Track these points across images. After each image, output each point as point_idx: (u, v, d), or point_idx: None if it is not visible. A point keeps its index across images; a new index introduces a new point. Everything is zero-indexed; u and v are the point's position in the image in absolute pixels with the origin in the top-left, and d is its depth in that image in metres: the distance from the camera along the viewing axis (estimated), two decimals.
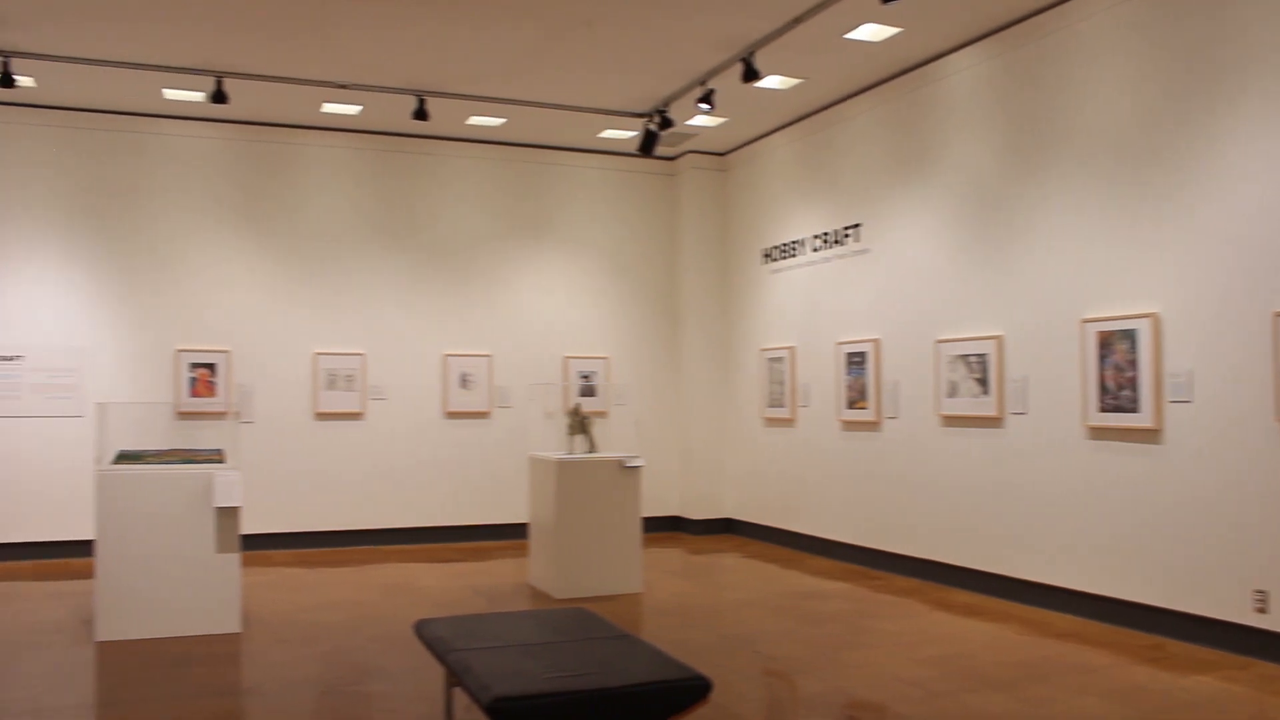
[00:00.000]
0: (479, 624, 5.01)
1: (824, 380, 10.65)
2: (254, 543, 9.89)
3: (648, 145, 10.50)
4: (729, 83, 9.37)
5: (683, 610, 8.24)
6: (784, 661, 6.64)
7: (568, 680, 3.94)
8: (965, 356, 8.73)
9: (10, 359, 10.30)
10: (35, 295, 10.46)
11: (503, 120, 11.07)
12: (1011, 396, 8.29)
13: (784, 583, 9.36)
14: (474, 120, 11.06)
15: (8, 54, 8.82)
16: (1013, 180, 8.33)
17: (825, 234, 10.67)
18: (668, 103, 10.29)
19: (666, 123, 10.23)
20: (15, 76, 8.93)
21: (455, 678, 4.31)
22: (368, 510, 11.35)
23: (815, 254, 10.84)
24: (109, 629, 7.10)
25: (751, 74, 8.71)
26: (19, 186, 10.47)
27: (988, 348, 8.49)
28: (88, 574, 7.69)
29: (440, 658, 4.57)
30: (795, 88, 9.96)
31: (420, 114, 9.91)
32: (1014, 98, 8.36)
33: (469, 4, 8.00)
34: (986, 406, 8.50)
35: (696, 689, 4.05)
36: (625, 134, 11.53)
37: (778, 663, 6.62)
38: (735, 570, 10.19)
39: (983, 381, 8.54)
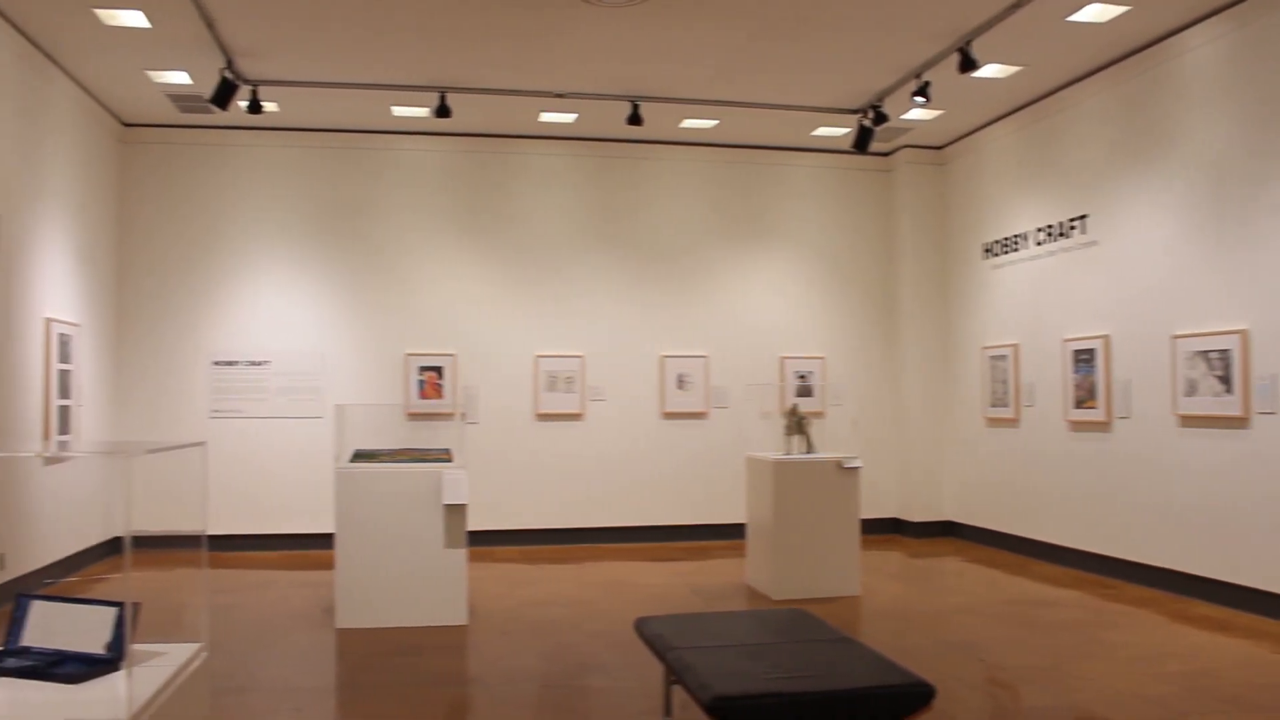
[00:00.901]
0: (698, 623, 5.03)
1: (1049, 379, 10.21)
2: (479, 539, 10.26)
3: (862, 141, 10.32)
4: (945, 74, 9.10)
5: (902, 614, 8.05)
6: (1010, 671, 6.39)
7: (788, 681, 3.91)
8: (1205, 353, 8.19)
9: (259, 364, 11.10)
10: (280, 304, 11.20)
11: (715, 122, 11.11)
12: (1258, 395, 7.72)
13: (1009, 589, 9.02)
14: (687, 123, 11.14)
15: (256, 83, 9.46)
16: (1258, 162, 7.77)
17: (1049, 226, 10.22)
18: (882, 97, 10.09)
19: (881, 118, 10.03)
20: (262, 103, 9.58)
21: (675, 675, 4.34)
22: (587, 509, 11.60)
23: (1039, 247, 10.41)
24: (347, 617, 7.50)
25: (969, 64, 8.44)
26: (265, 203, 11.25)
27: (1231, 343, 7.94)
28: (328, 565, 8.14)
29: (660, 655, 4.61)
30: (1015, 75, 9.59)
31: (634, 119, 10.05)
32: (1258, 72, 7.79)
33: (680, 8, 8.06)
34: (1230, 406, 7.95)
35: (919, 695, 3.94)
36: (839, 131, 11.37)
37: (1003, 672, 6.38)
38: (956, 574, 9.89)
39: (1225, 379, 7.99)
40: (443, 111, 9.75)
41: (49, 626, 2.85)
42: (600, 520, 11.62)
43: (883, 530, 12.09)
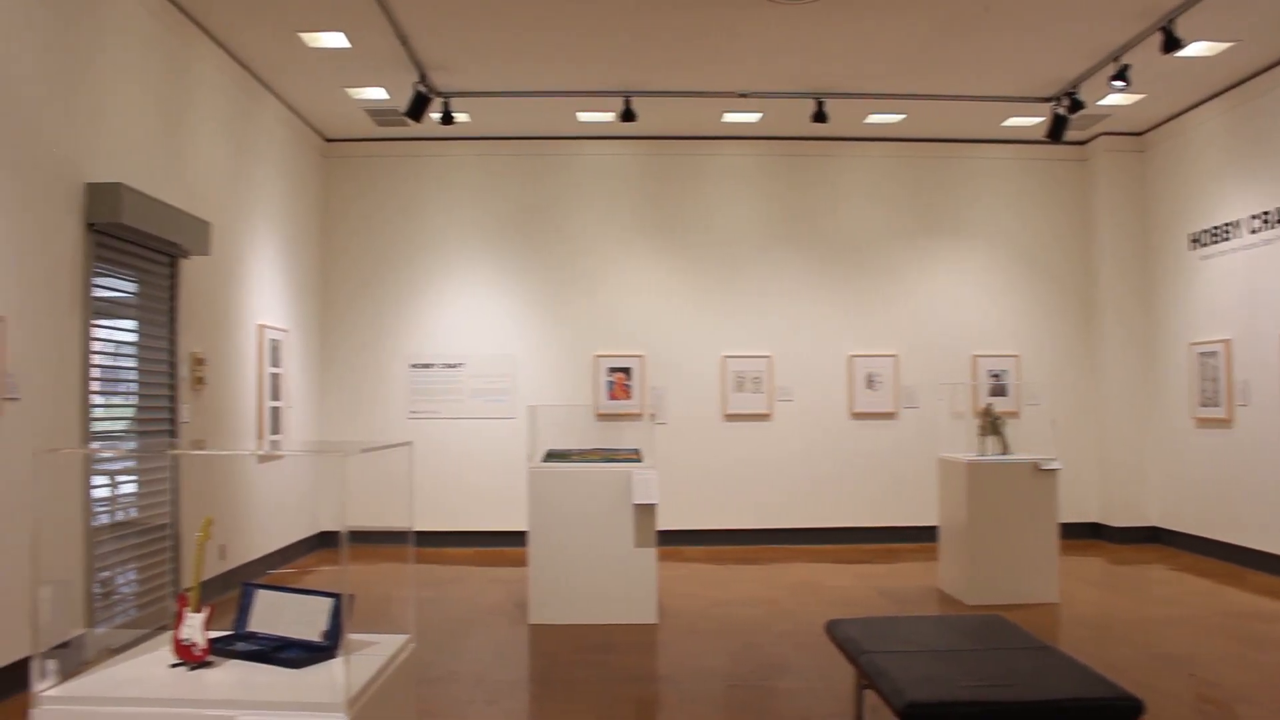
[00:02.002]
0: (891, 626, 4.95)
1: (1267, 376, 9.59)
2: (668, 538, 10.34)
3: (1057, 130, 9.95)
4: (1146, 55, 8.67)
5: (1104, 624, 7.72)
6: (1225, 689, 6.03)
7: (985, 690, 3.80)
8: None
9: (453, 366, 11.49)
10: (473, 308, 11.57)
11: (902, 116, 10.89)
12: None
13: (1222, 599, 8.53)
14: (872, 118, 10.96)
15: (447, 95, 9.80)
16: None
17: (1266, 213, 9.61)
18: (1077, 84, 9.69)
19: (1076, 105, 9.65)
20: (454, 114, 9.92)
21: (867, 679, 4.28)
22: (775, 510, 11.55)
23: (1254, 235, 9.80)
24: (540, 613, 7.68)
25: (1172, 43, 8.02)
26: (458, 210, 11.64)
27: None
28: (521, 562, 8.35)
29: (852, 659, 4.55)
30: (1224, 53, 9.05)
31: (819, 116, 9.96)
32: None
33: (864, 1, 7.94)
34: None
35: (1126, 710, 3.76)
36: (1031, 121, 10.98)
37: (1217, 690, 6.03)
38: (1163, 583, 9.41)
39: None
40: (627, 115, 9.88)
41: (272, 614, 3.03)
42: (787, 521, 11.55)
43: (1082, 535, 11.61)
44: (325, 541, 11.16)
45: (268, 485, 9.70)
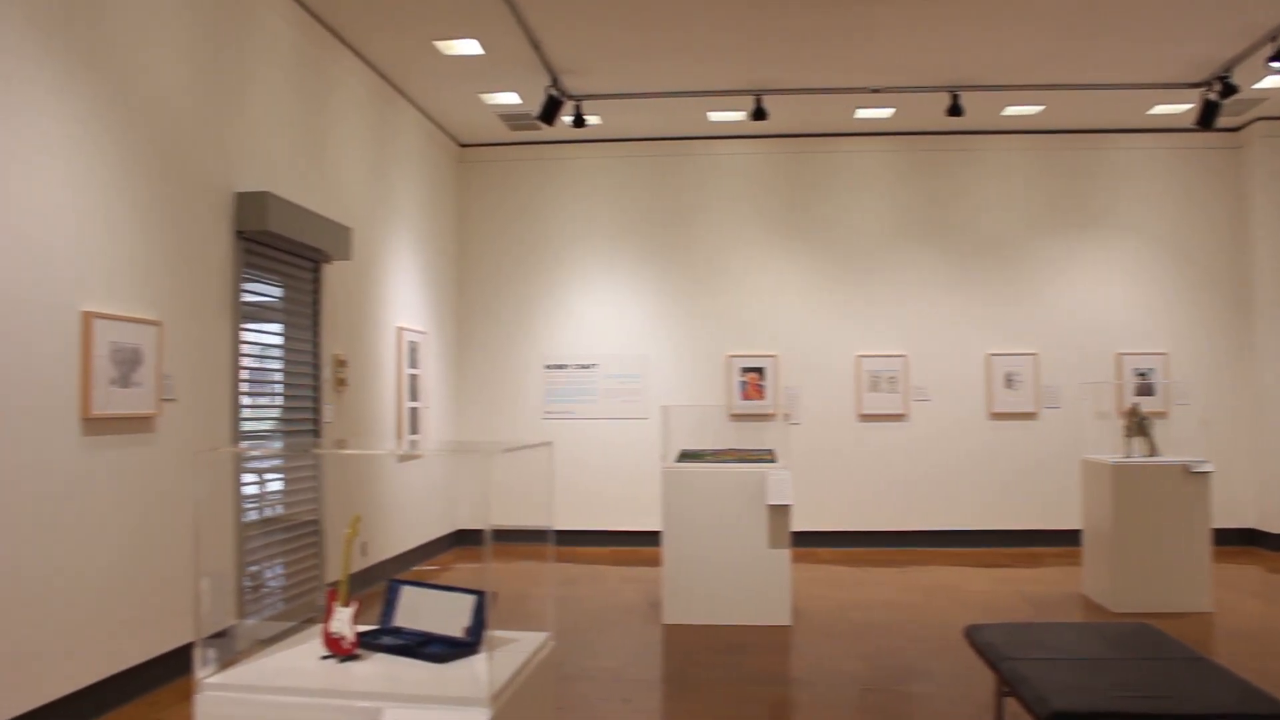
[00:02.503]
0: (1033, 632, 4.81)
1: None
2: (802, 539, 10.27)
3: (1208, 117, 9.54)
4: None
5: (1262, 635, 7.36)
6: None
7: (1134, 700, 3.67)
8: None
9: (587, 367, 11.60)
10: (606, 309, 11.67)
11: (1040, 107, 10.59)
12: None
13: None
14: (1010, 110, 10.68)
15: (579, 98, 9.90)
16: None
17: None
18: (1230, 67, 9.28)
19: (1229, 89, 9.23)
20: (585, 116, 10.01)
21: (1008, 687, 4.17)
22: (911, 511, 11.36)
23: None
24: (674, 613, 7.70)
25: None
26: (590, 212, 11.75)
27: None
28: (654, 561, 8.38)
29: (993, 665, 4.45)
30: None
31: (954, 110, 9.75)
32: None
33: None
34: None
35: None
36: (1179, 108, 10.56)
37: None
38: None
39: None
40: (759, 114, 9.83)
41: (416, 610, 3.10)
42: (923, 523, 11.34)
43: (1237, 542, 11.11)
44: (462, 539, 11.39)
45: (406, 484, 9.94)
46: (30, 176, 4.98)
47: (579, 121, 9.99)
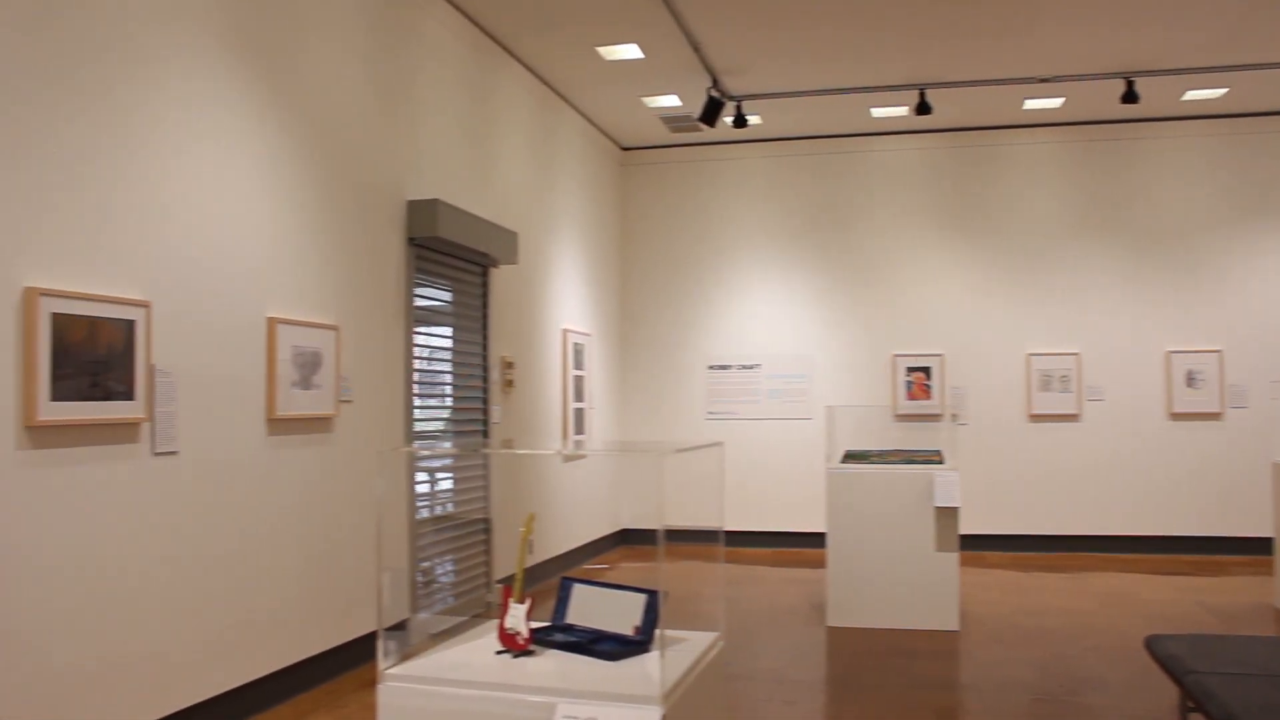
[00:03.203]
0: (1220, 645, 4.59)
1: None
2: (970, 543, 10.02)
3: None
4: None
5: None
6: None
7: None
8: None
9: (750, 367, 11.60)
10: (768, 309, 11.64)
11: (1223, 91, 10.07)
12: None
13: None
14: (1190, 95, 10.19)
15: (740, 98, 9.91)
16: None
17: None
18: None
19: None
20: (746, 116, 10.01)
21: (1193, 702, 4.00)
22: (1084, 515, 10.95)
23: None
24: (838, 615, 7.63)
25: None
26: (752, 212, 11.74)
27: None
28: (819, 563, 8.32)
29: (1176, 678, 4.26)
30: None
31: (1129, 97, 9.37)
32: None
33: None
34: None
35: None
36: None
37: None
38: None
39: None
40: (923, 109, 9.65)
41: (588, 607, 3.17)
42: (1098, 528, 10.93)
43: None
44: (626, 539, 11.53)
45: (571, 483, 10.12)
46: (229, 193, 5.27)
47: (740, 122, 9.99)
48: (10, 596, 3.99)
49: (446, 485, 7.83)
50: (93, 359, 4.37)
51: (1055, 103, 10.40)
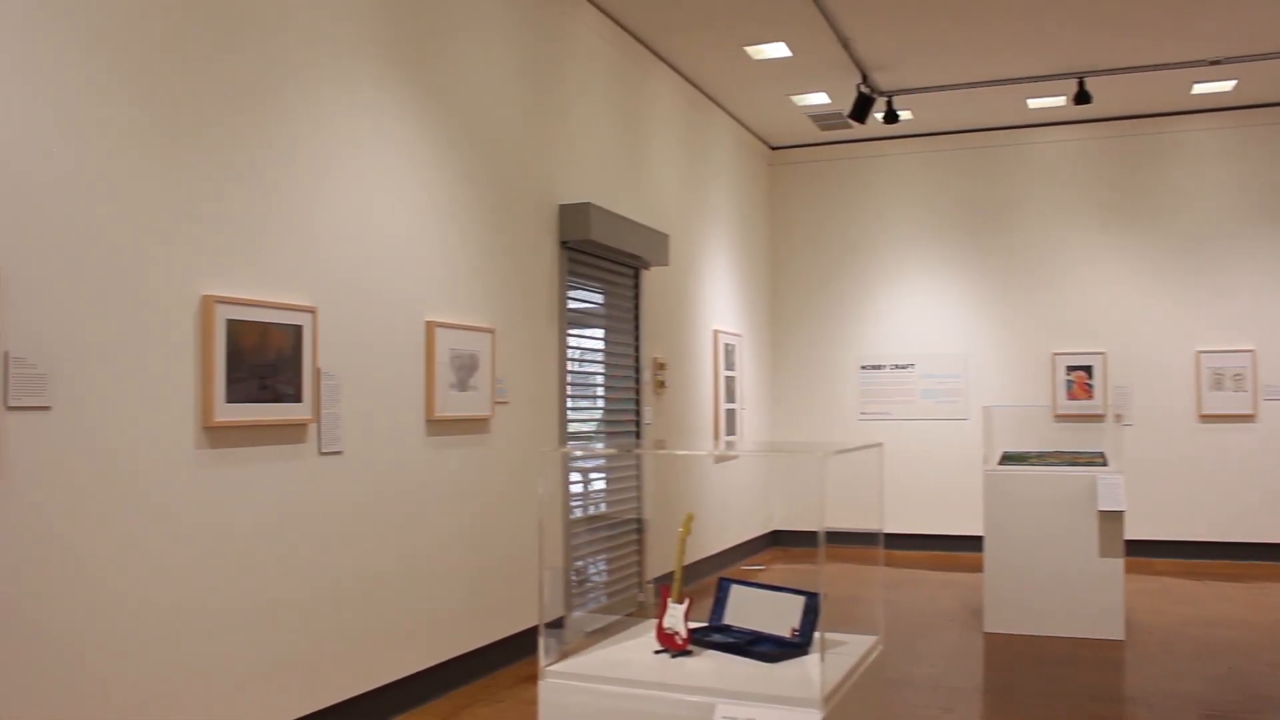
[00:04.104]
0: None
1: None
2: (1135, 548, 9.65)
3: None
4: None
5: None
6: None
7: None
8: None
9: (903, 367, 11.40)
10: (922, 308, 11.43)
11: None
12: None
13: None
14: None
15: (890, 93, 9.76)
16: None
17: None
18: None
19: None
20: (898, 111, 9.86)
21: None
22: (1261, 521, 10.40)
23: None
24: (995, 621, 7.44)
25: None
26: (903, 209, 11.54)
27: None
28: (975, 567, 8.14)
29: None
30: None
31: None
32: None
33: None
34: None
35: None
36: None
37: None
38: None
39: None
40: (1082, 98, 9.34)
41: (745, 608, 3.17)
42: (1276, 535, 10.37)
43: None
44: (778, 540, 11.47)
45: (722, 484, 10.12)
46: (389, 200, 5.45)
47: (891, 117, 9.84)
48: (188, 587, 4.21)
49: (599, 485, 7.92)
50: (263, 363, 4.58)
51: (1226, 86, 9.92)
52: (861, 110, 9.41)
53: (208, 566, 4.28)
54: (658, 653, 3.05)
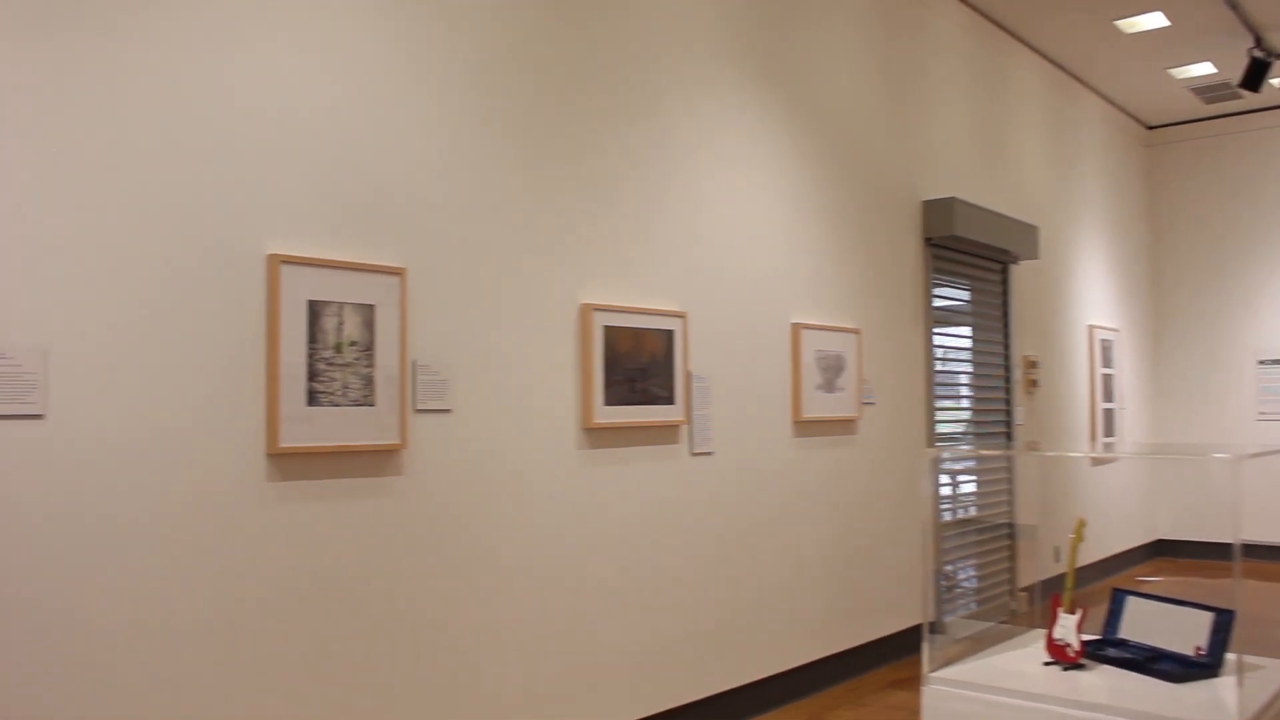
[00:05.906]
0: None
1: None
2: None
3: None
4: None
5: None
6: None
7: None
8: None
9: None
10: None
11: None
12: None
13: None
14: None
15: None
16: None
17: None
18: None
19: None
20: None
21: None
22: None
23: None
24: None
25: None
26: None
27: None
28: None
29: None
30: None
31: None
32: None
33: None
34: None
35: None
36: None
37: None
38: None
39: None
40: None
41: (1143, 622, 2.97)
42: None
43: None
44: (1161, 550, 10.64)
45: (1101, 488, 9.52)
46: (752, 204, 5.56)
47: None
48: (571, 578, 4.46)
49: (968, 488, 7.68)
50: (637, 367, 4.78)
51: None
52: (1255, 78, 8.56)
53: (588, 561, 4.52)
54: (1047, 664, 2.92)
